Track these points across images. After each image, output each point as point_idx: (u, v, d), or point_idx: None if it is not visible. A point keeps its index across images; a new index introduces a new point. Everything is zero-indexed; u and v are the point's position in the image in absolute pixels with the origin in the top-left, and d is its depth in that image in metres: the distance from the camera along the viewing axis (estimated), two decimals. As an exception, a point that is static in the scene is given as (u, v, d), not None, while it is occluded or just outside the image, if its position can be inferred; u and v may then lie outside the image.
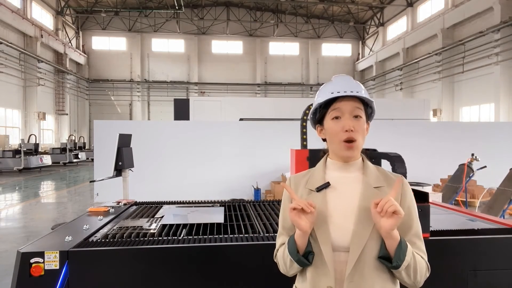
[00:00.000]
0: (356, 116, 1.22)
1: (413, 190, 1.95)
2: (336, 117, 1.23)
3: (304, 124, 2.69)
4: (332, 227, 1.19)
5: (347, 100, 1.22)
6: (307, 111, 2.62)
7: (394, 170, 2.13)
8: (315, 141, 2.78)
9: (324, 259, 1.17)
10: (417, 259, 1.15)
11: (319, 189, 1.24)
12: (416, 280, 1.15)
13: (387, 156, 2.24)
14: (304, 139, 2.66)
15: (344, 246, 1.17)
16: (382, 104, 11.37)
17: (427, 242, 1.88)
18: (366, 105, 1.27)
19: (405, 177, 1.97)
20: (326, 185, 1.25)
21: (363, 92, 1.24)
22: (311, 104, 2.51)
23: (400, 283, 1.24)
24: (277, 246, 1.33)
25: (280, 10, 29.44)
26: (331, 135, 1.25)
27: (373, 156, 2.33)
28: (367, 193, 1.21)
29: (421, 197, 1.94)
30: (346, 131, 1.20)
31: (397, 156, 2.20)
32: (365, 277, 1.15)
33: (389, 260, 1.14)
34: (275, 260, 1.34)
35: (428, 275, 1.20)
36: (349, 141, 1.21)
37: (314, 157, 2.36)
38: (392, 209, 1.07)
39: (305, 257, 1.18)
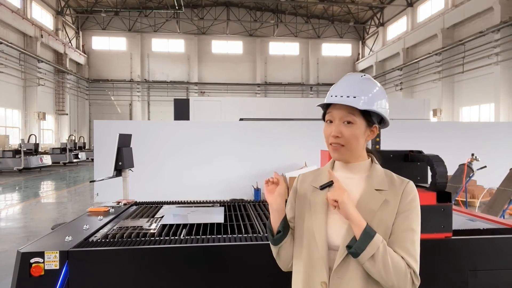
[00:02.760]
0: (349, 122, 1.22)
1: (438, 190, 1.95)
2: (330, 121, 1.26)
3: None
4: (330, 225, 1.23)
5: (340, 106, 1.23)
6: None
7: (433, 171, 1.97)
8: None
9: (320, 255, 1.20)
10: (393, 257, 1.10)
11: (322, 187, 1.27)
12: (390, 279, 1.10)
13: (424, 157, 2.06)
14: None
15: (337, 245, 1.19)
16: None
17: (431, 242, 1.89)
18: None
19: (446, 178, 1.93)
20: (330, 183, 1.26)
21: (357, 94, 1.20)
22: None
23: None
24: None
25: (280, 10, 29.44)
26: (324, 137, 1.30)
27: (416, 159, 2.15)
28: (367, 195, 1.22)
29: (444, 197, 1.95)
30: (332, 136, 1.23)
31: (435, 156, 2.01)
32: (350, 274, 1.16)
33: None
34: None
35: (416, 284, 1.13)
36: (336, 145, 1.24)
37: None
38: (332, 200, 1.15)
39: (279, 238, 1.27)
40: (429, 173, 2.09)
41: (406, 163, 2.17)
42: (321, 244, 1.20)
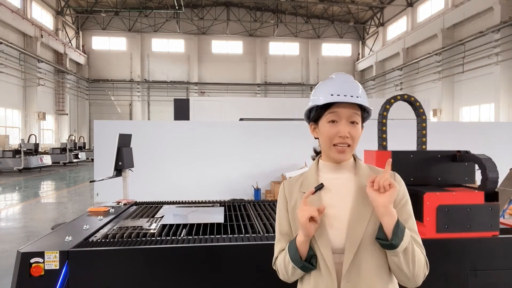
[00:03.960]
0: (352, 122, 1.21)
1: (489, 189, 1.96)
2: (333, 121, 1.22)
3: (384, 121, 2.32)
4: (329, 229, 1.20)
5: (345, 105, 1.20)
6: (388, 106, 2.31)
7: (484, 174, 1.96)
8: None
9: (325, 261, 1.17)
10: (415, 248, 1.14)
11: (313, 192, 1.24)
12: (415, 271, 1.13)
13: (475, 157, 2.04)
14: (383, 139, 2.31)
15: (340, 248, 1.17)
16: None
17: (430, 242, 1.89)
18: (363, 108, 1.26)
19: (497, 181, 1.95)
20: (320, 186, 1.24)
21: (362, 96, 1.23)
22: (392, 98, 2.33)
23: (398, 283, 1.23)
24: (275, 254, 1.31)
25: (280, 10, 29.44)
26: (325, 137, 1.24)
27: (466, 159, 2.14)
28: (360, 194, 1.21)
29: (491, 197, 1.98)
30: (341, 137, 1.20)
31: (487, 159, 1.98)
32: (361, 276, 1.15)
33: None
34: (274, 268, 1.32)
35: (427, 272, 1.18)
36: (343, 146, 1.21)
37: (397, 160, 2.08)
38: (388, 182, 1.10)
39: (309, 262, 1.18)
40: (477, 174, 2.08)
41: (454, 164, 2.18)
42: (325, 249, 1.17)
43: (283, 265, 1.24)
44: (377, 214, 1.14)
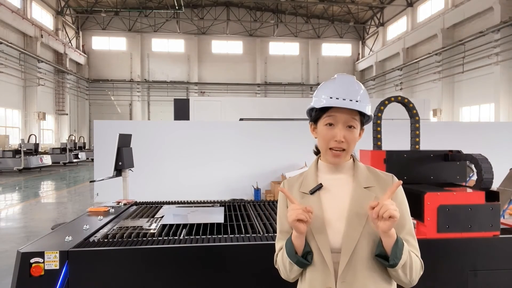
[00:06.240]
0: (350, 126, 1.21)
1: (484, 189, 1.97)
2: (330, 124, 1.22)
3: (378, 122, 2.40)
4: (328, 229, 1.21)
5: (343, 109, 1.20)
6: (382, 107, 2.39)
7: (479, 173, 1.97)
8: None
9: (324, 260, 1.17)
10: (413, 258, 1.16)
11: (312, 192, 1.25)
12: (412, 278, 1.17)
13: (471, 157, 2.07)
14: (378, 139, 2.39)
15: (337, 248, 1.18)
16: (382, 104, 11.29)
17: (431, 242, 1.90)
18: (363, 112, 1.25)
19: (492, 182, 1.95)
20: (319, 186, 1.25)
21: (362, 99, 1.21)
22: (386, 100, 2.40)
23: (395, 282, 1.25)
24: (276, 251, 1.33)
25: (280, 10, 29.44)
26: (321, 140, 1.25)
27: (458, 158, 2.18)
28: (357, 194, 1.22)
29: (492, 196, 1.98)
30: (336, 141, 1.20)
31: (483, 158, 1.99)
32: (357, 277, 1.15)
33: (386, 259, 1.14)
34: (276, 266, 1.33)
35: (422, 273, 1.21)
36: (337, 150, 1.21)
37: (392, 159, 2.21)
38: (388, 215, 1.06)
39: (304, 258, 1.19)
40: (468, 173, 2.10)
41: (446, 163, 2.24)
42: (324, 249, 1.18)
43: (282, 261, 1.26)
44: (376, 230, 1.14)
